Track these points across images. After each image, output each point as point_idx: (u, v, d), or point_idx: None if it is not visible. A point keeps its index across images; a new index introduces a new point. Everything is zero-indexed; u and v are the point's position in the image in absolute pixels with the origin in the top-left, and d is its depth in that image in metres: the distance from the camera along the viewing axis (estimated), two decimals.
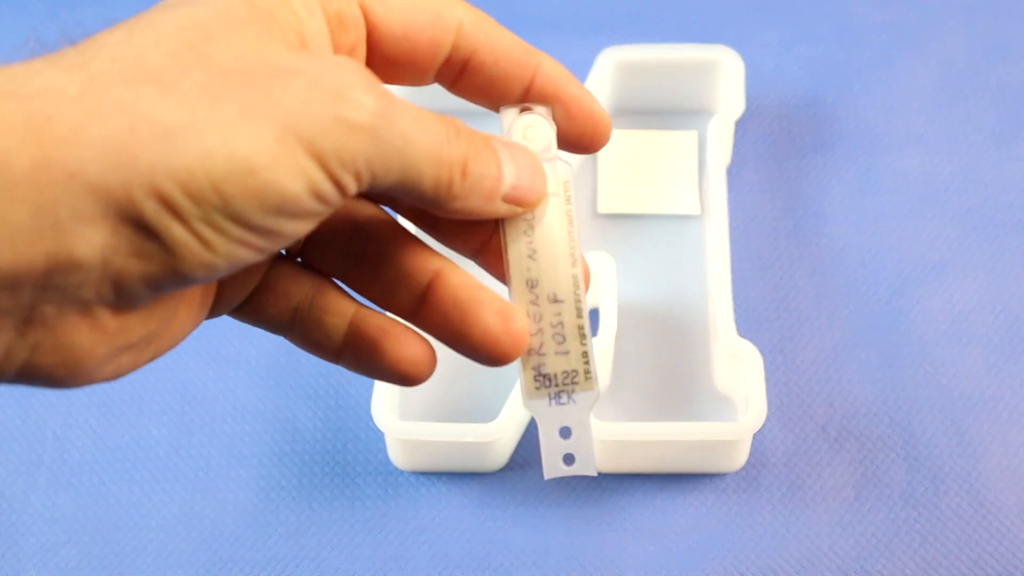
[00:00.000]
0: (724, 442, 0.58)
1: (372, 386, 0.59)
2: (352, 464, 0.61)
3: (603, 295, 0.61)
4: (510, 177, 0.35)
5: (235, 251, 0.31)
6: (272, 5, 0.33)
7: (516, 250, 0.37)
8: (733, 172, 0.69)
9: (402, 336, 0.37)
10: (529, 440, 0.61)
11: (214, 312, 0.37)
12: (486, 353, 0.36)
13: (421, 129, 0.32)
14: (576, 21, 0.75)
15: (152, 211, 0.29)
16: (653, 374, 0.62)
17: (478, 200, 0.34)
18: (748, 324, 0.64)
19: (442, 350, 0.39)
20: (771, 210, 0.68)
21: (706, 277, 0.64)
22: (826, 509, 0.59)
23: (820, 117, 0.71)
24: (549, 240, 0.37)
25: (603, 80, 0.67)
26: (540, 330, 0.38)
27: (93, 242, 0.29)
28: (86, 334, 0.31)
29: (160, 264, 0.30)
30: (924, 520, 0.58)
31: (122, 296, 0.31)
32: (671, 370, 0.62)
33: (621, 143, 0.69)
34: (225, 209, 0.30)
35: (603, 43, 0.69)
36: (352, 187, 0.31)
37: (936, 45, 0.73)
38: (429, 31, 0.36)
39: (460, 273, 0.37)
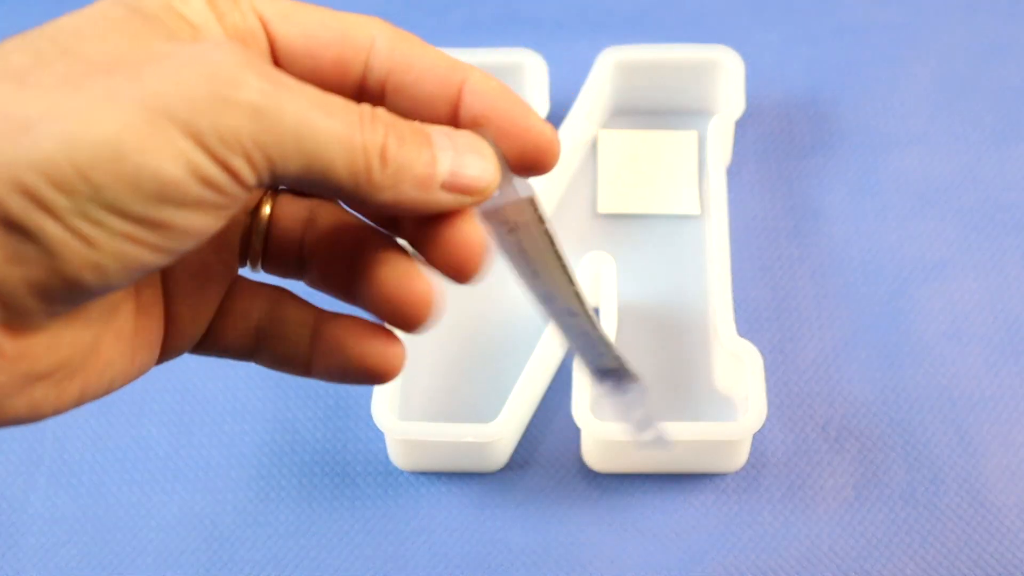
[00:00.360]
0: (724, 442, 0.58)
1: (372, 386, 0.59)
2: (352, 464, 0.61)
3: (603, 295, 0.61)
4: (447, 163, 0.32)
5: (123, 248, 0.29)
6: (161, 11, 0.31)
7: (520, 270, 0.36)
8: (733, 172, 0.69)
9: (367, 333, 0.36)
10: (529, 440, 0.61)
11: (169, 353, 0.35)
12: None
13: (323, 111, 0.30)
14: (576, 21, 0.75)
15: (19, 207, 0.27)
16: (653, 374, 0.62)
17: (411, 190, 0.31)
18: (748, 324, 0.64)
19: (443, 350, 0.39)
20: (771, 210, 0.68)
21: (706, 277, 0.64)
22: (826, 509, 0.59)
23: (820, 117, 0.71)
24: (542, 261, 0.36)
25: (603, 80, 0.67)
26: (577, 337, 0.39)
27: None
28: None
29: (42, 268, 0.28)
30: (924, 520, 0.58)
31: (11, 311, 0.29)
32: (671, 370, 0.62)
33: (621, 143, 0.69)
34: (99, 199, 0.28)
35: (603, 43, 0.69)
36: (246, 173, 0.29)
37: (936, 45, 0.73)
38: (335, 50, 0.33)
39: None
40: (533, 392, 0.60)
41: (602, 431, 0.57)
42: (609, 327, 0.60)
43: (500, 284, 0.65)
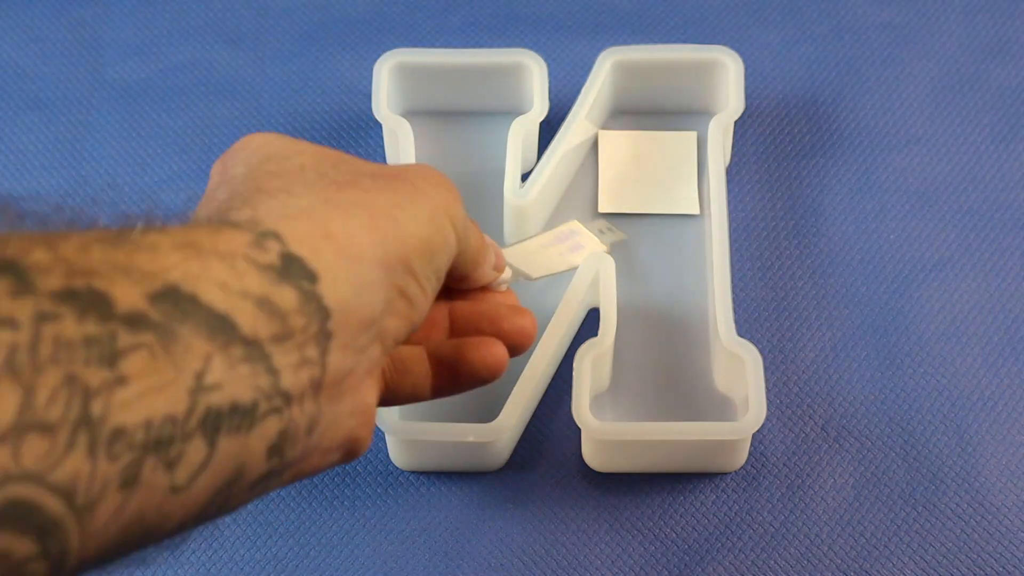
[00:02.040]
0: (724, 442, 0.58)
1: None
2: (352, 464, 0.61)
3: (603, 295, 0.61)
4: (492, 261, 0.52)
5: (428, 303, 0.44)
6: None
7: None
8: (733, 172, 0.69)
9: (476, 342, 0.50)
10: (529, 440, 0.61)
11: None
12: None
13: (483, 260, 0.51)
14: (576, 21, 0.74)
15: (403, 279, 0.41)
16: (653, 374, 0.62)
17: (486, 276, 0.53)
18: (748, 324, 0.64)
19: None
20: (771, 210, 0.68)
21: (706, 277, 0.64)
22: (826, 509, 0.59)
23: (820, 117, 0.71)
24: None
25: (603, 80, 0.67)
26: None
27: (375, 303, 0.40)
28: (374, 394, 0.42)
29: (406, 319, 0.42)
30: (924, 520, 0.59)
31: (385, 353, 0.41)
32: (671, 370, 0.62)
33: (621, 143, 0.69)
34: (431, 265, 0.44)
35: (603, 43, 0.69)
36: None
37: (936, 45, 0.73)
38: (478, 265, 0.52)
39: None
40: (533, 392, 0.60)
41: (602, 431, 0.57)
42: (609, 327, 0.59)
43: None
